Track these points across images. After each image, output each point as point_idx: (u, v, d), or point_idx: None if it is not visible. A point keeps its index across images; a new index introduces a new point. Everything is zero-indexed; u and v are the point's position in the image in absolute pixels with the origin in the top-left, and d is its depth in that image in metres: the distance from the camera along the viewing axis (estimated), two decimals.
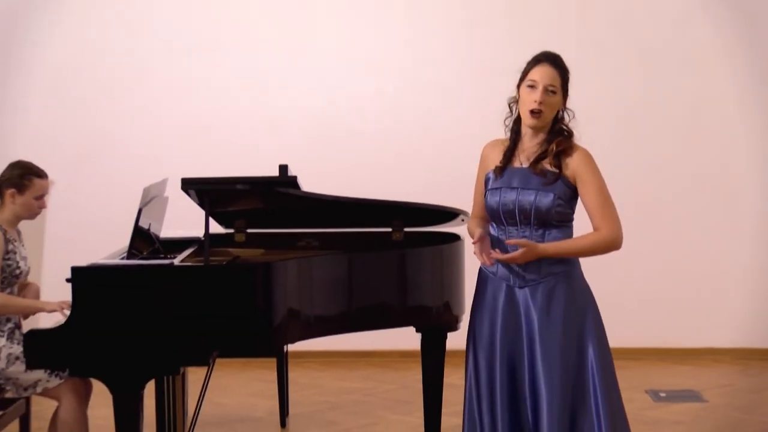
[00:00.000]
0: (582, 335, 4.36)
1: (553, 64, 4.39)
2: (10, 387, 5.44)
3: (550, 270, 4.35)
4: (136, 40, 8.85)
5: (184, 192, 5.46)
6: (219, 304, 4.91)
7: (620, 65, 8.79)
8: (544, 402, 4.28)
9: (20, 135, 8.57)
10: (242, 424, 7.09)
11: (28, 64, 8.86)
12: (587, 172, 4.35)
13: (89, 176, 8.73)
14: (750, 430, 6.80)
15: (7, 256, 5.47)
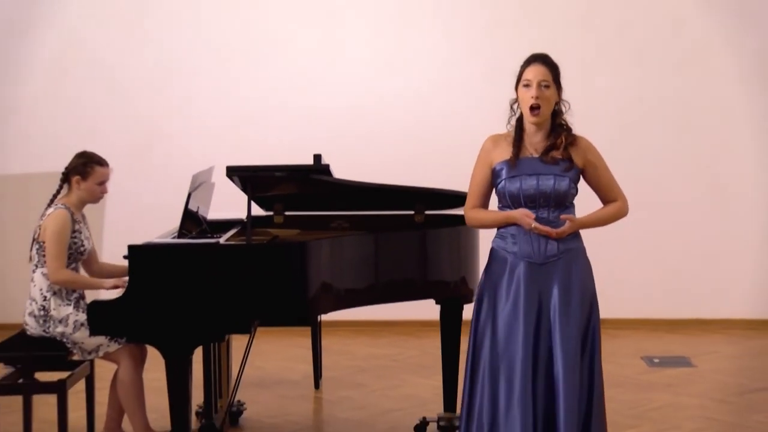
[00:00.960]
0: (591, 305, 4.39)
1: (543, 62, 4.42)
2: (76, 350, 5.46)
3: (566, 247, 4.34)
4: (186, 43, 8.85)
5: (228, 178, 5.47)
6: (260, 279, 4.92)
7: (620, 66, 8.74)
8: (561, 368, 4.27)
9: (79, 129, 8.56)
10: (280, 385, 7.10)
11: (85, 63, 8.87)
12: (596, 157, 4.44)
13: (144, 165, 8.74)
14: (733, 391, 6.78)
15: (73, 235, 5.49)
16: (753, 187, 8.78)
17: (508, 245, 4.40)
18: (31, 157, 8.79)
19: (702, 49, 8.72)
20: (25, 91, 8.90)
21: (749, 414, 6.27)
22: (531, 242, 4.35)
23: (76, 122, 8.72)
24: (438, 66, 8.82)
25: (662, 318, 8.79)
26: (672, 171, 8.74)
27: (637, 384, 6.98)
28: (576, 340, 4.31)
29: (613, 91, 8.68)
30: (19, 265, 6.31)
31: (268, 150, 7.98)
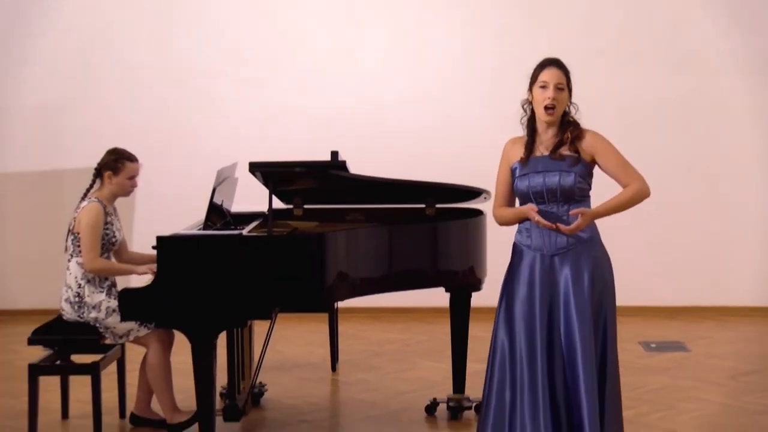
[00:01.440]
0: (602, 295, 4.37)
1: (558, 66, 4.41)
2: (108, 335, 5.49)
3: (577, 238, 4.33)
4: (210, 46, 8.86)
5: (251, 174, 5.48)
6: (280, 268, 4.93)
7: (618, 67, 8.72)
8: (578, 351, 4.26)
9: (109, 127, 8.57)
10: (299, 368, 7.11)
11: (114, 65, 8.88)
12: (603, 146, 4.40)
13: (171, 161, 8.76)
14: (726, 374, 6.77)
15: (105, 226, 5.51)
16: (748, 185, 8.75)
17: (524, 239, 4.41)
18: (64, 154, 8.82)
19: (700, 50, 8.69)
20: (58, 92, 8.92)
21: (741, 395, 6.27)
22: (542, 235, 4.35)
23: (107, 121, 8.74)
24: (448, 67, 8.82)
25: (659, 305, 8.78)
26: (671, 169, 8.71)
27: (636, 368, 6.98)
28: (589, 321, 4.29)
29: (613, 89, 8.67)
30: (55, 255, 6.35)
31: (288, 147, 8.00)
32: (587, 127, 4.45)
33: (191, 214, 5.95)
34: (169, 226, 5.46)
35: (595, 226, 4.42)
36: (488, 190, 5.71)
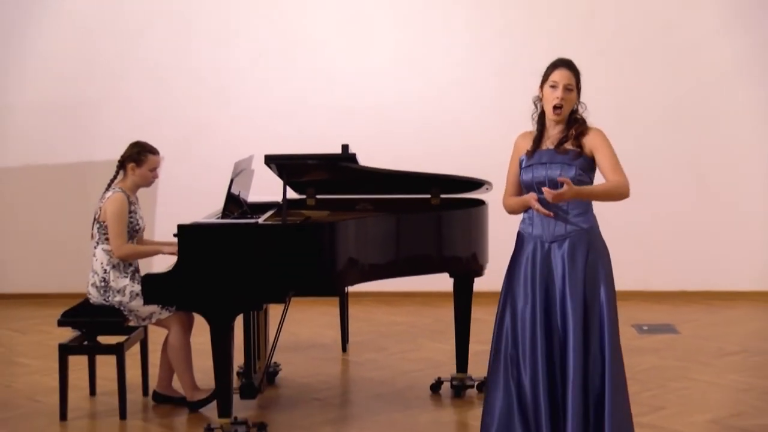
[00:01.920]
0: (596, 281, 4.36)
1: (569, 68, 4.39)
2: (132, 317, 5.51)
3: (573, 228, 4.33)
4: (228, 46, 8.87)
5: (266, 166, 5.49)
6: (294, 255, 4.94)
7: (617, 66, 8.71)
8: (570, 331, 4.28)
9: (133, 123, 8.59)
10: (312, 349, 7.12)
11: (139, 64, 8.90)
12: (601, 144, 4.37)
13: (191, 154, 8.77)
14: (712, 354, 6.77)
15: (129, 215, 5.52)
16: (733, 180, 8.75)
17: (527, 227, 4.42)
18: (91, 148, 8.84)
19: (692, 49, 8.68)
20: (86, 90, 8.93)
21: (726, 374, 6.27)
22: (542, 224, 4.35)
23: (132, 118, 8.75)
24: (452, 66, 8.80)
25: (650, 290, 8.78)
26: (663, 165, 8.72)
27: (628, 349, 6.91)
28: (580, 307, 4.29)
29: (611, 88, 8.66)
30: (82, 242, 6.35)
31: (301, 140, 7.99)
32: (593, 125, 4.44)
33: (210, 203, 5.96)
34: (190, 215, 5.47)
35: (595, 219, 4.42)
36: (490, 181, 5.72)
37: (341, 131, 7.55)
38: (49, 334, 7.24)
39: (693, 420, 5.34)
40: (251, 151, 6.16)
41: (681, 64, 8.71)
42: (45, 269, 9.02)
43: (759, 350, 6.94)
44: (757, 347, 7.03)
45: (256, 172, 6.00)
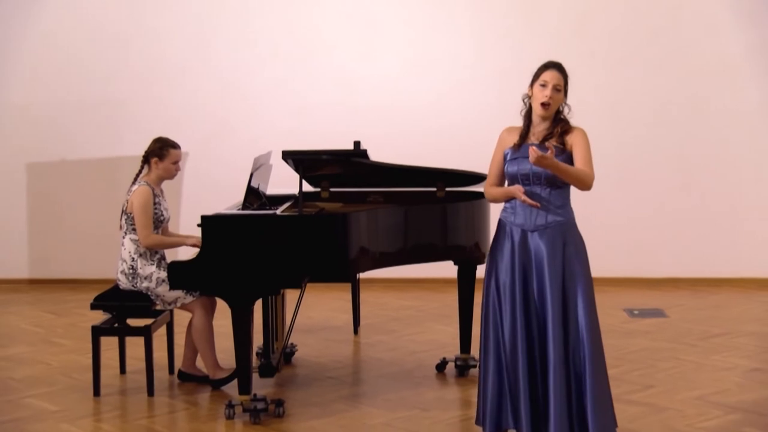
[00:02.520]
0: (574, 271, 4.34)
1: (559, 70, 4.39)
2: (158, 302, 5.51)
3: (554, 219, 4.32)
4: (247, 51, 8.86)
5: (284, 161, 5.49)
6: (309, 243, 4.93)
7: (608, 67, 8.69)
8: (549, 316, 4.28)
9: (160, 120, 8.55)
10: (325, 331, 7.12)
11: (164, 67, 8.89)
12: (580, 141, 4.35)
13: (213, 150, 8.76)
14: (698, 336, 6.75)
15: (155, 206, 5.52)
16: (718, 174, 8.71)
17: (509, 216, 4.42)
18: (120, 144, 8.84)
19: (679, 53, 8.66)
20: (115, 90, 8.94)
21: (710, 354, 6.26)
22: (525, 213, 4.36)
23: (157, 116, 8.72)
24: (457, 69, 8.78)
25: (641, 277, 8.76)
26: (655, 161, 8.71)
27: (620, 331, 6.97)
28: (558, 294, 4.29)
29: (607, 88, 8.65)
30: (112, 232, 6.35)
31: (315, 137, 7.98)
32: (576, 124, 4.43)
33: (231, 196, 5.96)
34: (212, 206, 5.47)
35: (572, 213, 4.42)
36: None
37: (353, 129, 7.54)
38: (82, 317, 7.26)
39: (680, 397, 5.33)
40: (269, 147, 6.15)
41: (678, 65, 8.67)
42: (78, 257, 9.04)
43: (741, 332, 6.92)
44: (740, 330, 7.01)
45: (274, 166, 6.00)
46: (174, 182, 6.17)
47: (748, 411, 5.07)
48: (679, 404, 5.20)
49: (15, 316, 7.81)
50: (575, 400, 4.29)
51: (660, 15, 8.68)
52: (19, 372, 6.05)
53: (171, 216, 5.80)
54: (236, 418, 5.01)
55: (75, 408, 5.27)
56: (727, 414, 5.03)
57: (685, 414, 5.03)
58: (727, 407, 5.14)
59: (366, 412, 5.16)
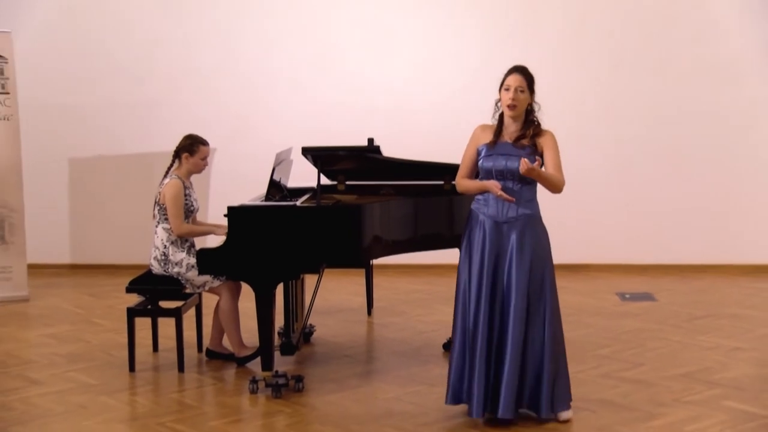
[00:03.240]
0: (541, 258, 4.43)
1: (521, 73, 4.48)
2: (188, 286, 5.53)
3: (523, 212, 4.41)
4: (268, 54, 8.86)
5: (303, 156, 5.49)
6: (327, 232, 4.94)
7: (605, 69, 8.67)
8: (513, 296, 4.36)
9: (188, 120, 8.56)
10: (342, 313, 7.13)
11: (190, 72, 8.91)
12: (552, 145, 4.43)
13: (238, 147, 8.76)
14: (684, 318, 6.74)
15: (185, 197, 5.54)
16: (703, 170, 8.68)
17: (481, 207, 4.48)
18: (152, 141, 8.84)
19: (668, 57, 8.62)
20: (149, 93, 8.95)
21: (696, 335, 6.25)
22: (497, 206, 4.43)
23: (187, 115, 8.73)
24: (462, 74, 8.75)
25: (632, 263, 8.74)
26: (644, 158, 8.68)
27: (612, 314, 6.96)
28: (524, 284, 4.37)
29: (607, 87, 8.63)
30: (145, 221, 6.37)
31: (332, 135, 7.97)
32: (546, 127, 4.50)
33: (255, 188, 5.97)
34: (238, 198, 5.48)
35: (538, 206, 4.48)
36: None
37: (366, 127, 7.51)
38: (119, 299, 7.29)
39: (668, 374, 5.33)
40: (289, 144, 6.15)
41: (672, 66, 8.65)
42: (115, 244, 9.07)
43: (723, 315, 6.90)
44: (722, 312, 7.00)
45: (294, 161, 6.00)
46: (202, 176, 6.17)
47: (729, 386, 5.07)
48: (667, 380, 5.20)
49: (58, 298, 7.85)
50: (532, 379, 4.40)
51: (660, 16, 8.66)
52: (63, 348, 6.09)
53: (200, 206, 5.82)
54: (259, 392, 5.03)
55: (112, 382, 5.31)
56: (710, 389, 5.02)
57: (672, 389, 5.03)
58: (710, 383, 5.14)
59: (378, 388, 5.17)
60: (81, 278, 8.76)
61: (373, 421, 4.57)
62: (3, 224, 7.71)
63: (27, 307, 7.49)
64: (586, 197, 8.42)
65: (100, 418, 4.68)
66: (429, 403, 4.83)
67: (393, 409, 4.76)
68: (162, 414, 4.72)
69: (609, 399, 4.86)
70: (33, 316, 7.21)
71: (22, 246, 7.76)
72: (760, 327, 6.51)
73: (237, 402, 4.97)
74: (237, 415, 4.75)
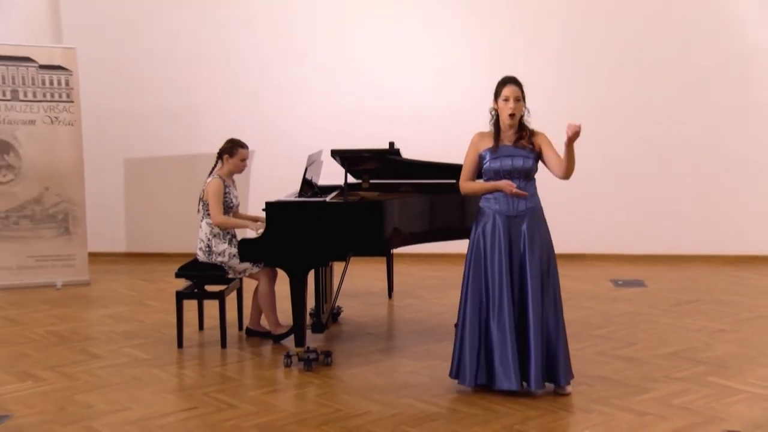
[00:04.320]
0: (548, 248, 4.46)
1: (515, 83, 4.46)
2: (230, 272, 5.56)
3: (530, 206, 4.42)
4: (301, 67, 8.88)
5: (332, 158, 5.51)
6: (352, 225, 4.95)
7: (597, 80, 8.64)
8: (530, 290, 4.37)
9: (228, 126, 8.64)
10: (366, 296, 7.15)
11: (230, 81, 8.95)
12: (547, 143, 4.45)
13: (274, 149, 8.79)
14: (673, 303, 6.71)
15: (225, 194, 5.56)
16: (687, 168, 8.65)
17: (491, 204, 4.48)
18: (197, 144, 8.91)
19: (659, 66, 8.59)
20: (192, 99, 9.01)
21: (683, 318, 6.23)
22: (507, 202, 4.43)
23: (228, 121, 8.80)
24: (475, 85, 8.74)
25: (625, 253, 8.71)
26: (635, 156, 8.65)
27: (607, 298, 6.94)
28: (538, 269, 4.38)
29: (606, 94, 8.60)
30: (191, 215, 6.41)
31: (358, 139, 8.00)
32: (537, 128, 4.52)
33: (289, 186, 5.99)
34: (274, 194, 5.50)
35: (539, 200, 4.49)
36: None
37: (387, 132, 7.54)
38: (169, 284, 7.33)
39: (657, 353, 5.31)
40: (319, 147, 6.18)
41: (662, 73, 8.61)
42: (165, 235, 9.13)
43: (708, 300, 6.87)
44: (707, 298, 6.96)
45: (324, 162, 6.03)
46: (243, 175, 6.20)
47: (712, 364, 5.05)
48: (657, 359, 5.18)
49: (115, 282, 7.91)
50: (551, 353, 4.40)
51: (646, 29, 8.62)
52: (119, 327, 6.15)
53: (240, 202, 5.85)
54: (293, 366, 5.06)
55: (163, 357, 5.35)
56: (696, 366, 5.01)
57: (661, 366, 5.01)
58: (695, 361, 5.12)
59: (398, 362, 5.19)
60: (135, 265, 8.83)
61: (393, 392, 4.59)
62: (67, 217, 7.79)
63: (88, 291, 7.56)
64: (584, 194, 8.40)
65: (152, 388, 4.72)
66: (443, 376, 4.83)
67: (410, 381, 4.78)
68: (206, 385, 4.76)
69: (604, 375, 4.85)
70: (93, 298, 7.28)
71: (83, 236, 7.84)
72: (742, 311, 6.47)
73: (273, 374, 4.99)
74: (273, 386, 4.78)
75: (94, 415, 4.28)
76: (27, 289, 7.57)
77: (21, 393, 4.65)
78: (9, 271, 7.63)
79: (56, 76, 7.69)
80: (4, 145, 7.59)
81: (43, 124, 7.68)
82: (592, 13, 8.64)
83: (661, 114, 8.64)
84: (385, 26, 8.86)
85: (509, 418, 4.14)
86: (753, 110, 8.52)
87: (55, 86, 7.69)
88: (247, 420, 4.17)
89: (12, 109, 7.57)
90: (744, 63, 8.49)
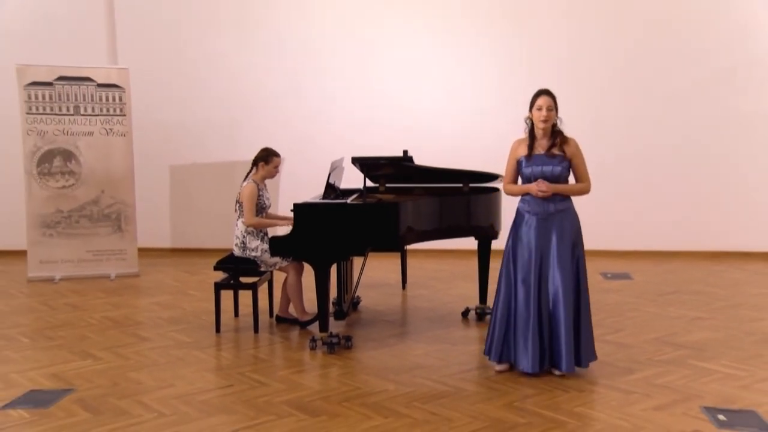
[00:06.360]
0: (578, 243, 4.42)
1: (548, 95, 4.41)
2: (262, 265, 5.56)
3: (560, 207, 4.39)
4: (325, 81, 8.87)
5: (352, 164, 5.50)
6: (371, 224, 4.94)
7: (595, 90, 8.58)
8: (559, 283, 4.33)
9: (261, 136, 8.65)
10: (382, 287, 7.13)
11: (270, 96, 8.95)
12: (577, 152, 4.42)
13: (301, 156, 8.77)
14: (656, 293, 6.67)
15: (259, 197, 5.56)
16: (675, 169, 8.57)
17: (525, 206, 4.45)
18: (235, 151, 8.91)
19: (659, 71, 8.51)
20: (231, 111, 9.00)
21: (665, 307, 6.18)
22: (539, 204, 4.39)
23: (262, 131, 8.80)
24: (481, 97, 8.73)
25: (614, 249, 8.66)
26: (625, 158, 8.58)
27: (597, 289, 6.90)
28: (569, 264, 4.33)
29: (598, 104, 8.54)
30: (228, 215, 6.42)
31: (376, 147, 8.00)
32: (569, 134, 4.45)
33: (315, 189, 5.99)
34: (302, 196, 5.50)
35: (571, 200, 4.43)
36: (502, 174, 5.66)
37: (402, 141, 7.54)
38: (208, 276, 7.36)
39: (642, 338, 5.28)
40: (342, 154, 6.17)
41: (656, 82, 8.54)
42: (205, 232, 9.15)
43: (688, 291, 6.82)
44: (687, 289, 6.91)
45: (346, 168, 6.02)
46: (274, 180, 6.20)
47: (691, 348, 5.01)
48: (641, 343, 5.15)
49: (161, 274, 7.94)
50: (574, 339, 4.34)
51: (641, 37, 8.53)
52: (164, 314, 6.17)
53: (272, 204, 5.85)
54: (317, 349, 5.07)
55: (203, 340, 5.36)
56: (677, 350, 4.97)
57: (645, 350, 4.98)
58: (676, 345, 5.09)
59: (411, 346, 5.18)
60: (179, 258, 8.85)
61: (406, 372, 4.58)
62: (119, 216, 7.84)
63: (137, 281, 7.59)
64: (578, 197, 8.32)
65: (193, 368, 4.74)
66: (451, 358, 4.83)
67: (422, 363, 4.76)
68: (241, 365, 4.77)
69: None
70: (142, 288, 7.31)
71: (133, 233, 7.88)
72: (717, 301, 6.42)
73: (300, 356, 4.99)
74: (300, 366, 4.78)
75: (143, 390, 4.31)
76: (86, 279, 7.63)
77: (82, 370, 4.70)
78: (71, 264, 7.70)
79: (111, 93, 7.75)
80: (67, 154, 7.67)
81: (100, 135, 7.74)
82: (594, 29, 8.54)
83: (648, 124, 8.56)
84: (402, 48, 8.83)
85: (509, 396, 4.14)
86: (734, 120, 8.43)
87: (110, 102, 7.74)
88: (278, 396, 4.18)
89: (74, 122, 7.66)
90: (727, 76, 8.39)
